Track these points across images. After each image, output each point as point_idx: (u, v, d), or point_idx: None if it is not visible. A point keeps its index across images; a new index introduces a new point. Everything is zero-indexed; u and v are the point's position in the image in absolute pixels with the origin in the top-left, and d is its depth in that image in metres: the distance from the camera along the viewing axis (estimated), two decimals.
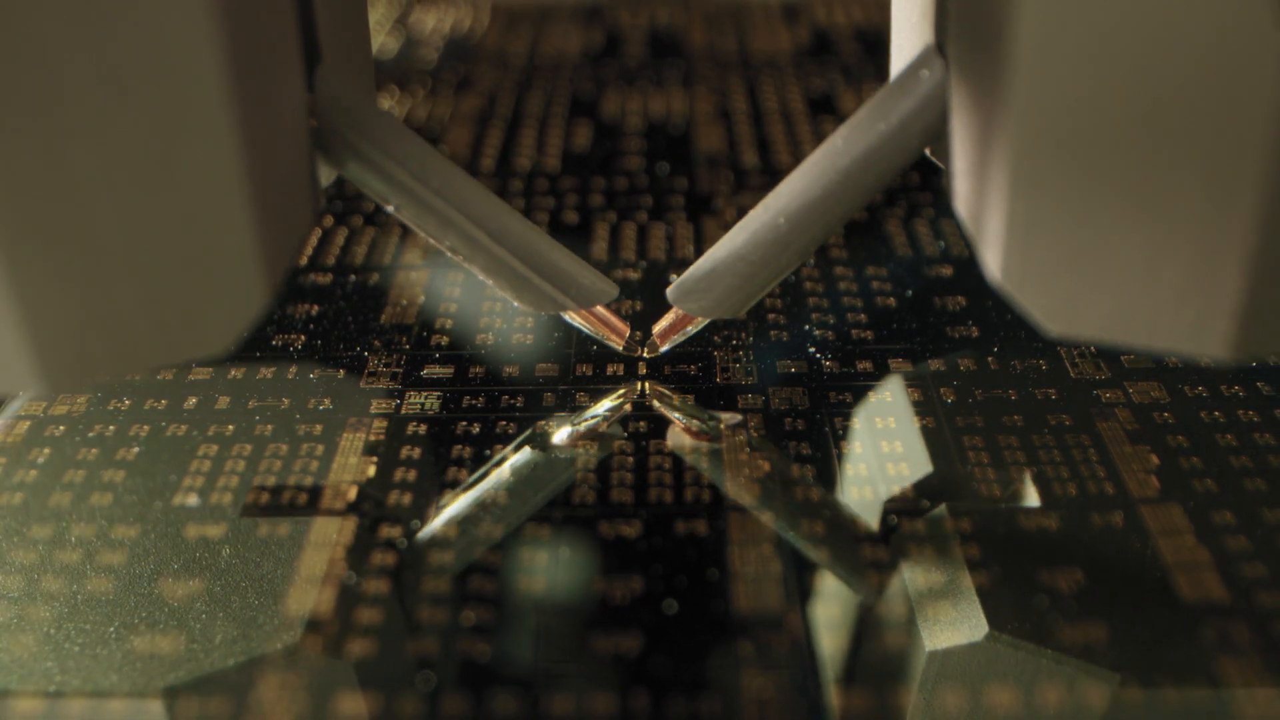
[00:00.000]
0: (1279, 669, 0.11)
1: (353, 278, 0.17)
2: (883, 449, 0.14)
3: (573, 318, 0.14)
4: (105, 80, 0.09)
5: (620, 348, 0.15)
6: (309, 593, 0.12)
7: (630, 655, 0.11)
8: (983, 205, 0.12)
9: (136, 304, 0.10)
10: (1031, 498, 0.13)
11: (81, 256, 0.10)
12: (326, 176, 0.13)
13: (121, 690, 0.11)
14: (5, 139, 0.09)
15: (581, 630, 0.11)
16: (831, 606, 0.12)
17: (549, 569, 0.12)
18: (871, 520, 0.13)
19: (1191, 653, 0.11)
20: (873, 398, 0.15)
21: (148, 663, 0.11)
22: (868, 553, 0.12)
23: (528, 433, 0.14)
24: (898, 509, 0.13)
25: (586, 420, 0.14)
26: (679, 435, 0.14)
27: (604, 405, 0.15)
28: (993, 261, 0.11)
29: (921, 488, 0.13)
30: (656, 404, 0.15)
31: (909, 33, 0.14)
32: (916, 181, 0.20)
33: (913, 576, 0.12)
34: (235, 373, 0.15)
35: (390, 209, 0.13)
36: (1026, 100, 0.10)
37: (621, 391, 0.15)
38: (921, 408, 0.14)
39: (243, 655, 0.11)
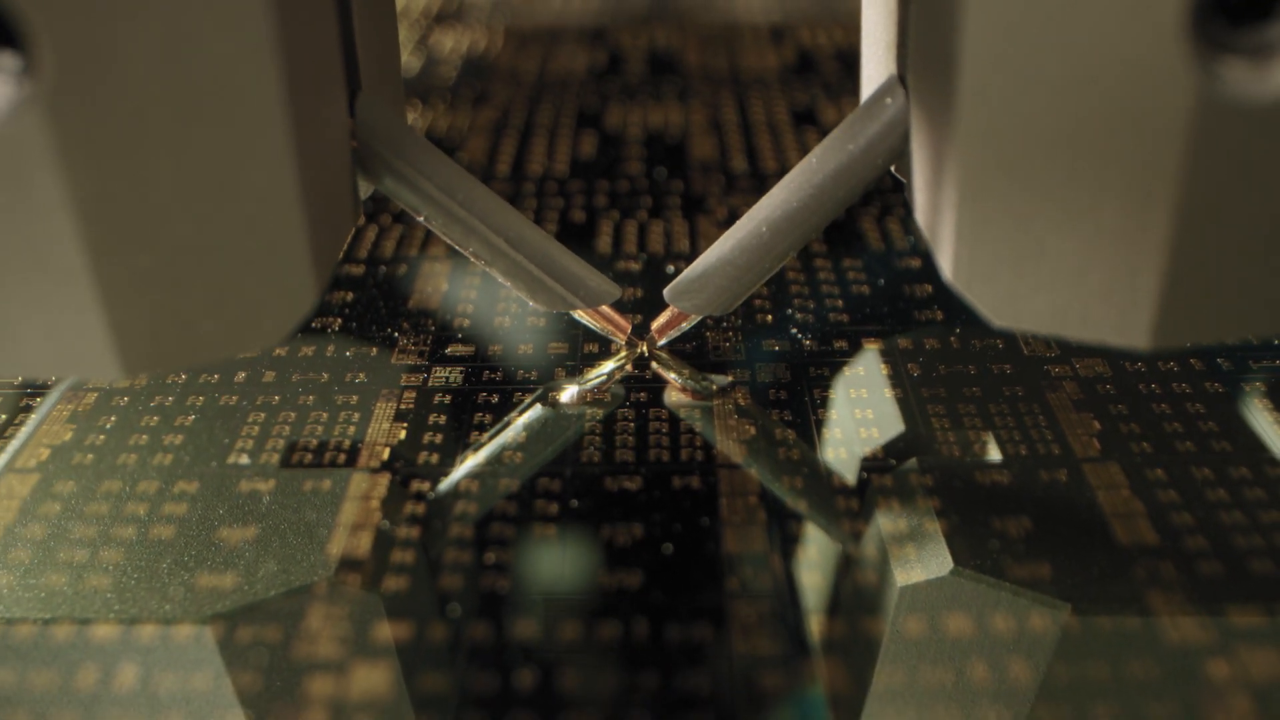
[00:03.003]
0: (1199, 601, 0.11)
1: (383, 269, 0.17)
2: (855, 415, 0.14)
3: (580, 315, 0.14)
4: (182, 109, 0.10)
5: (622, 342, 0.15)
6: (346, 537, 0.12)
7: (631, 588, 0.12)
8: (937, 215, 0.12)
9: (204, 302, 0.11)
10: (987, 457, 0.14)
11: (157, 260, 0.10)
12: (364, 190, 0.13)
13: (180, 618, 0.11)
14: (96, 159, 0.10)
15: (587, 566, 0.12)
16: (810, 548, 0.12)
17: (559, 514, 0.13)
18: (846, 474, 0.13)
19: (1124, 588, 0.12)
20: (847, 371, 0.15)
21: (204, 594, 0.12)
22: (842, 502, 0.13)
23: (538, 393, 0.15)
24: (869, 466, 0.13)
25: (591, 381, 0.15)
26: (674, 394, 0.15)
27: (608, 366, 0.15)
28: (945, 263, 0.12)
29: (890, 448, 0.14)
30: (655, 365, 0.15)
31: (875, 64, 0.14)
32: (889, 184, 0.20)
33: (883, 523, 0.12)
34: (279, 351, 0.15)
35: (421, 219, 0.13)
36: (971, 126, 0.10)
37: (624, 354, 0.15)
38: (890, 380, 0.15)
39: (285, 589, 0.12)
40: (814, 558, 0.12)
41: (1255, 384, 0.15)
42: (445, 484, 0.13)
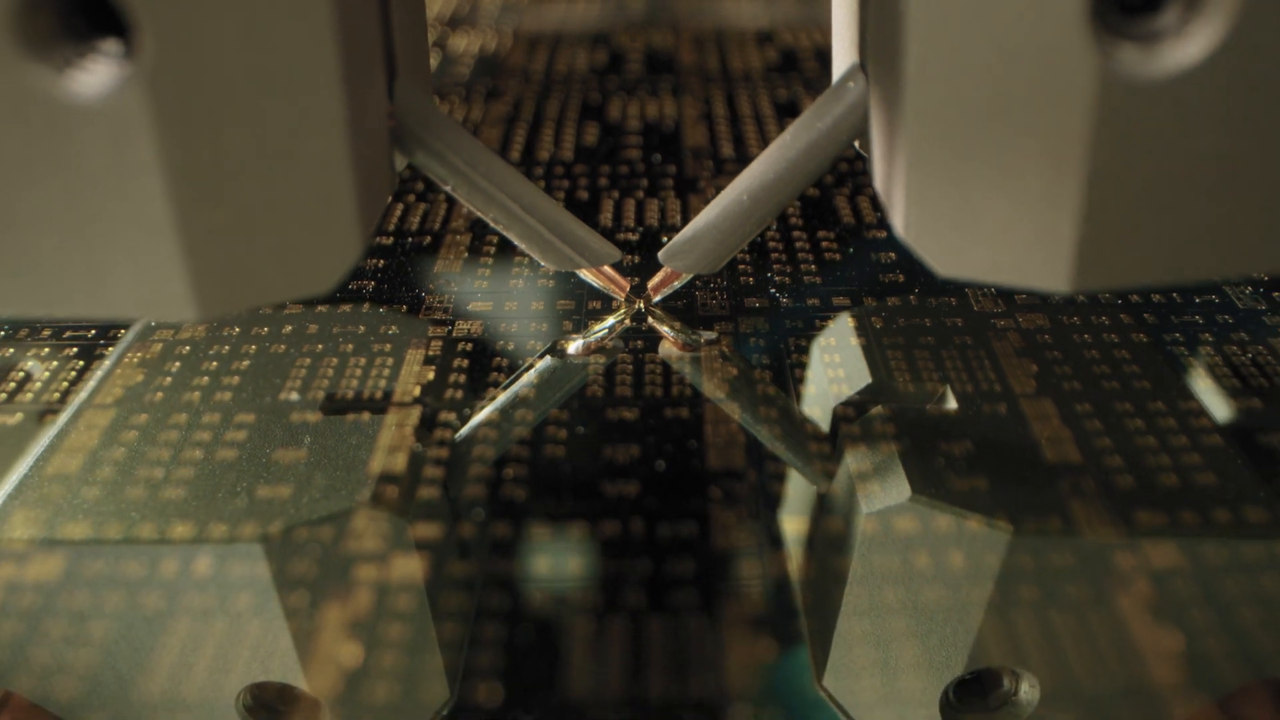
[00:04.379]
0: (1115, 512, 0.13)
1: (410, 239, 0.19)
2: (825, 360, 0.16)
3: (585, 275, 0.16)
4: (256, 87, 0.11)
5: (622, 299, 0.17)
6: (385, 458, 0.14)
7: (629, 497, 0.13)
8: (890, 182, 0.13)
9: (267, 251, 0.12)
10: (940, 397, 0.15)
11: (230, 215, 0.12)
12: (399, 164, 0.15)
13: (243, 533, 0.13)
14: (184, 129, 0.11)
15: (592, 481, 0.14)
16: (785, 474, 0.14)
17: (568, 438, 0.14)
18: (817, 413, 0.15)
19: (1052, 499, 0.13)
20: (819, 324, 0.17)
21: (262, 506, 0.13)
22: (813, 438, 0.14)
23: (549, 345, 0.16)
24: (837, 406, 0.15)
25: (595, 334, 0.16)
26: (668, 347, 0.16)
27: (609, 321, 0.16)
28: (898, 221, 0.13)
29: (855, 390, 0.15)
30: (650, 320, 0.16)
31: (841, 55, 0.15)
32: (861, 167, 0.21)
33: (850, 457, 0.14)
34: (321, 308, 0.17)
35: (447, 189, 0.15)
36: (916, 105, 0.12)
37: (623, 310, 0.17)
38: (856, 332, 0.16)
39: (334, 504, 0.13)
40: (787, 482, 0.14)
41: (1174, 334, 0.16)
42: (470, 424, 0.15)
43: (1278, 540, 0.13)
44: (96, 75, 0.11)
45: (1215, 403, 0.15)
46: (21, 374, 0.16)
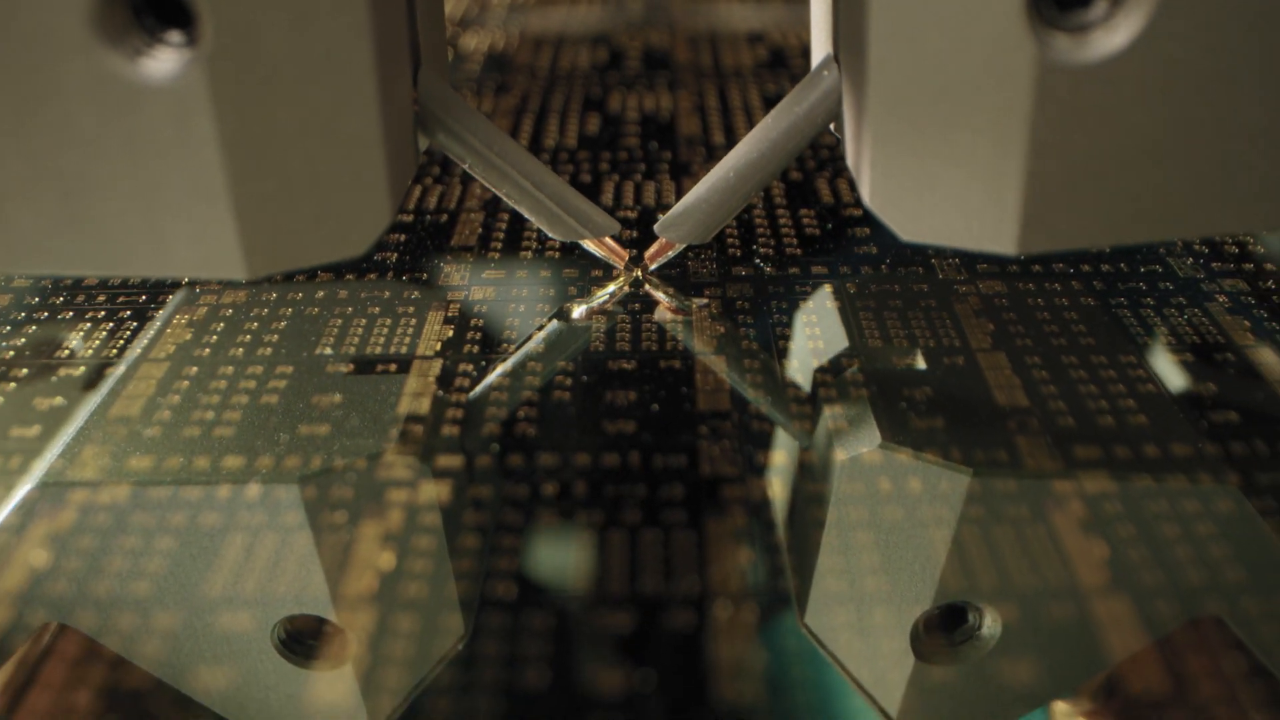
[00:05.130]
0: (1057, 449, 0.14)
1: (428, 216, 0.21)
2: (803, 320, 0.17)
3: (588, 245, 0.17)
4: (302, 73, 0.13)
5: (621, 268, 0.18)
6: (411, 402, 0.15)
7: (627, 435, 0.15)
8: (859, 157, 0.15)
9: (309, 218, 0.14)
10: (906, 353, 0.17)
11: (277, 185, 0.13)
12: (422, 144, 0.16)
13: (285, 468, 0.14)
14: (239, 108, 0.13)
15: (595, 421, 0.15)
16: (766, 425, 0.15)
17: (572, 386, 0.16)
18: (796, 370, 0.16)
19: (1001, 436, 0.15)
20: (799, 290, 0.18)
21: (303, 445, 0.15)
22: (793, 394, 0.16)
23: (555, 310, 0.18)
24: (815, 362, 0.16)
25: (597, 300, 0.18)
26: (662, 311, 0.18)
27: (610, 288, 0.18)
28: (865, 193, 0.14)
29: (831, 348, 0.17)
30: (647, 287, 0.18)
31: (818, 46, 0.17)
32: (841, 152, 0.23)
33: (826, 409, 0.15)
34: (349, 276, 0.19)
35: (465, 166, 0.16)
36: (879, 89, 0.13)
37: (623, 278, 0.18)
38: (833, 296, 0.18)
39: (367, 444, 0.15)
40: (769, 433, 0.15)
41: (1119, 299, 0.18)
42: (485, 382, 0.16)
43: (1201, 473, 0.14)
44: (163, 62, 0.13)
45: (1153, 357, 0.16)
46: (82, 332, 0.17)
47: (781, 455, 0.15)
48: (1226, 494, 0.14)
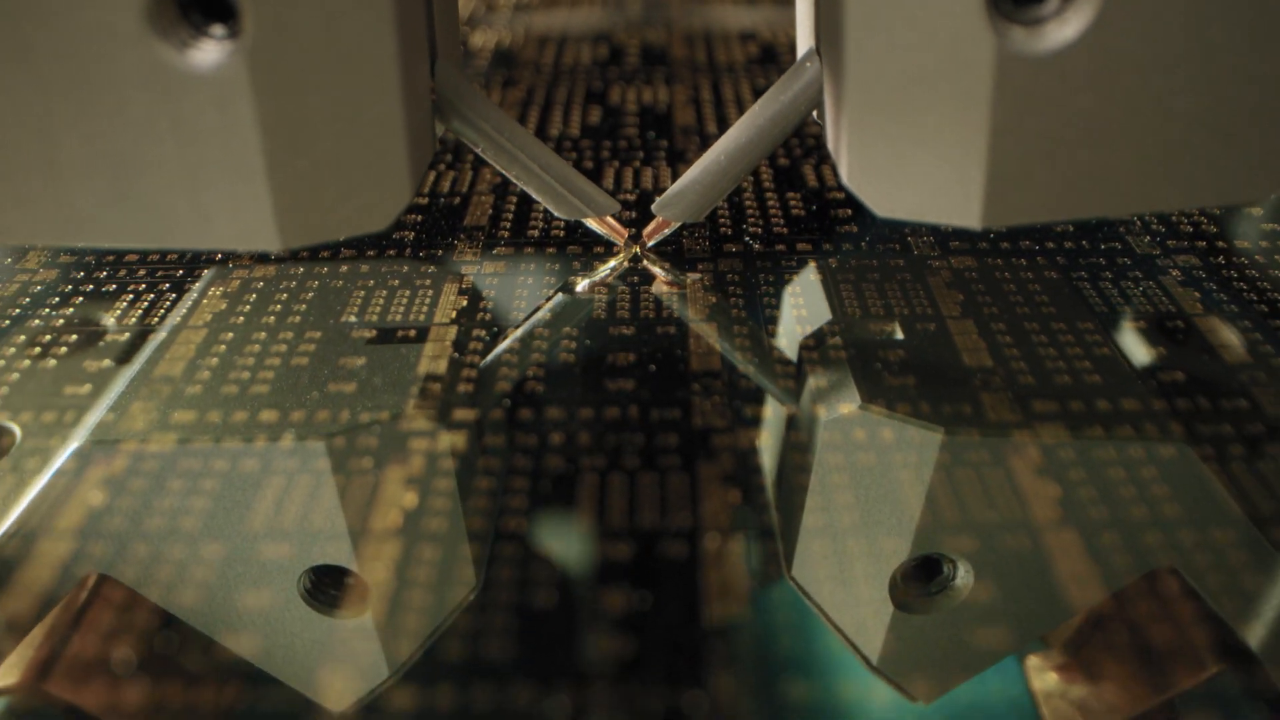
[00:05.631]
0: (1020, 410, 0.16)
1: (442, 200, 0.22)
2: (787, 292, 0.18)
3: (590, 223, 0.19)
4: (333, 63, 0.14)
5: (621, 245, 0.20)
6: (429, 363, 0.17)
7: (626, 391, 0.16)
8: (838, 141, 0.16)
9: (337, 195, 0.15)
10: (884, 322, 0.18)
11: (310, 165, 0.14)
12: (439, 129, 0.17)
13: (313, 424, 0.15)
14: (276, 94, 0.14)
15: (598, 380, 0.16)
16: (754, 389, 0.16)
17: (576, 349, 0.17)
18: (781, 336, 0.17)
19: (969, 394, 0.16)
20: (785, 265, 0.19)
21: (331, 400, 0.16)
22: (779, 360, 0.17)
23: (560, 283, 0.19)
24: (800, 329, 0.17)
25: (599, 274, 0.19)
26: (659, 285, 0.19)
27: (611, 263, 0.19)
28: (844, 173, 0.15)
29: (814, 317, 0.18)
30: (645, 262, 0.19)
31: (802, 40, 0.18)
32: (824, 140, 0.24)
33: (809, 371, 0.17)
34: (371, 253, 0.20)
35: (477, 150, 0.17)
36: (855, 79, 0.14)
37: (623, 254, 0.19)
38: (816, 270, 0.19)
39: (393, 401, 0.16)
40: (756, 396, 0.16)
41: (1080, 272, 0.19)
42: (498, 348, 0.17)
43: (1149, 426, 0.15)
44: (207, 53, 0.14)
45: (1109, 324, 0.17)
46: (126, 302, 0.18)
47: (767, 413, 0.16)
48: (1173, 445, 0.15)
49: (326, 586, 0.13)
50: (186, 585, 0.13)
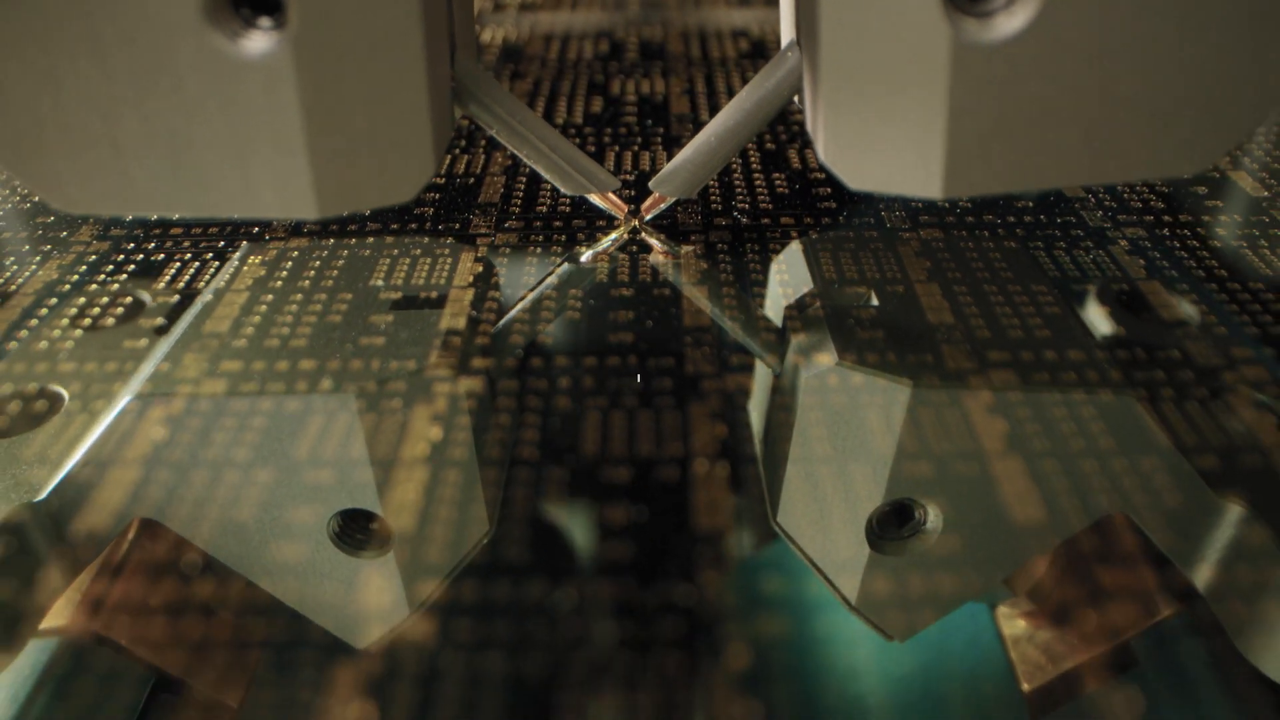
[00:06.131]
0: (986, 361, 0.17)
1: (458, 180, 0.23)
2: (772, 261, 0.20)
3: (593, 198, 0.20)
4: (367, 52, 0.15)
5: (622, 218, 0.21)
6: (448, 319, 0.18)
7: (625, 343, 0.18)
8: (815, 122, 0.17)
9: (367, 168, 0.16)
10: (858, 286, 0.20)
11: (343, 141, 0.16)
12: (457, 113, 0.19)
13: (347, 373, 0.17)
14: (318, 78, 0.15)
15: (601, 333, 0.18)
16: (742, 349, 0.18)
17: (582, 307, 0.19)
18: (766, 300, 0.19)
19: (933, 348, 0.17)
20: (769, 236, 0.21)
21: (363, 352, 0.17)
22: (764, 323, 0.19)
23: (566, 254, 0.21)
24: (783, 293, 0.19)
25: (601, 245, 0.21)
26: (656, 255, 0.20)
27: (612, 235, 0.21)
28: (820, 150, 0.17)
29: (795, 282, 0.19)
30: (643, 234, 0.21)
31: (785, 33, 0.19)
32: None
33: (790, 331, 0.18)
34: (394, 225, 0.22)
35: (491, 132, 0.19)
36: (829, 66, 0.16)
37: (623, 227, 0.21)
38: (799, 242, 0.21)
39: (415, 350, 0.17)
40: (743, 355, 0.18)
41: (1037, 243, 0.21)
42: (513, 310, 0.19)
43: (1095, 375, 0.17)
44: (256, 42, 0.16)
45: (1062, 287, 0.19)
46: (175, 268, 0.20)
47: (752, 365, 0.18)
48: (1118, 395, 0.17)
49: (353, 531, 0.15)
50: (228, 527, 0.15)
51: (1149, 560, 0.14)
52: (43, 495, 0.15)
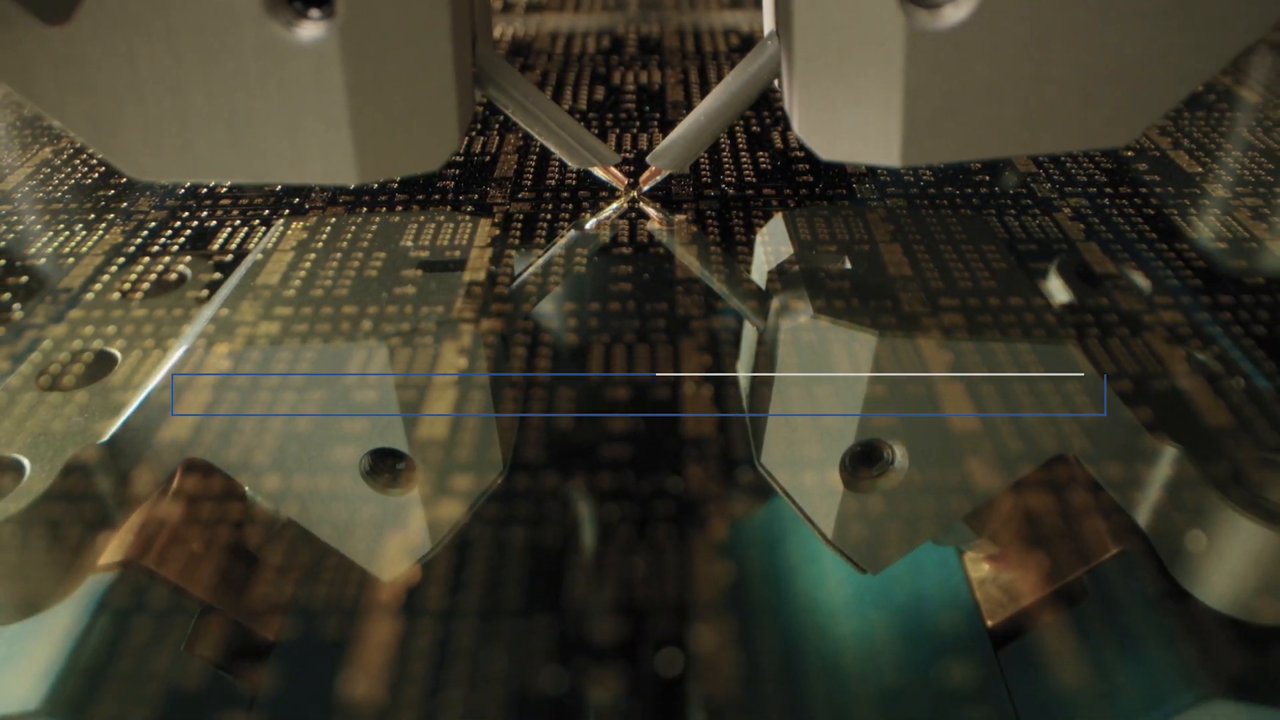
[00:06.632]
0: (943, 314, 0.20)
1: (475, 158, 0.26)
2: (756, 226, 0.23)
3: (597, 172, 0.23)
4: (402, 39, 0.18)
5: (622, 190, 0.24)
6: (470, 274, 0.21)
7: (625, 291, 0.20)
8: (791, 101, 0.19)
9: (401, 141, 0.19)
10: (828, 248, 0.22)
11: (382, 116, 0.19)
12: (477, 95, 0.22)
13: (384, 317, 0.19)
14: (361, 60, 0.18)
15: (604, 286, 0.20)
16: (728, 307, 0.21)
17: (588, 264, 0.21)
18: (751, 266, 0.22)
19: (894, 299, 0.20)
20: (752, 206, 0.23)
21: (397, 300, 0.20)
22: (748, 284, 0.21)
23: (573, 221, 0.23)
24: (765, 255, 0.21)
25: (604, 213, 0.23)
26: (652, 222, 0.23)
27: (614, 205, 0.23)
28: (795, 124, 0.19)
29: (776, 246, 0.22)
30: (641, 204, 0.23)
31: (767, 24, 0.22)
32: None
33: (770, 286, 0.21)
34: (420, 196, 0.24)
35: (507, 112, 0.22)
36: (802, 52, 0.18)
37: (623, 197, 0.24)
38: (779, 210, 0.23)
39: (443, 298, 0.20)
40: (729, 312, 0.21)
41: (990, 210, 0.23)
42: (529, 269, 0.22)
43: (1035, 319, 0.19)
44: (308, 30, 0.18)
45: (1009, 247, 0.21)
46: (227, 231, 0.22)
47: (738, 329, 0.20)
48: (1056, 340, 0.19)
49: (381, 470, 0.17)
50: (271, 466, 0.16)
51: (1094, 498, 0.16)
52: (104, 439, 0.17)
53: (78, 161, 0.26)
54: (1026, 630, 0.16)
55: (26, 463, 0.16)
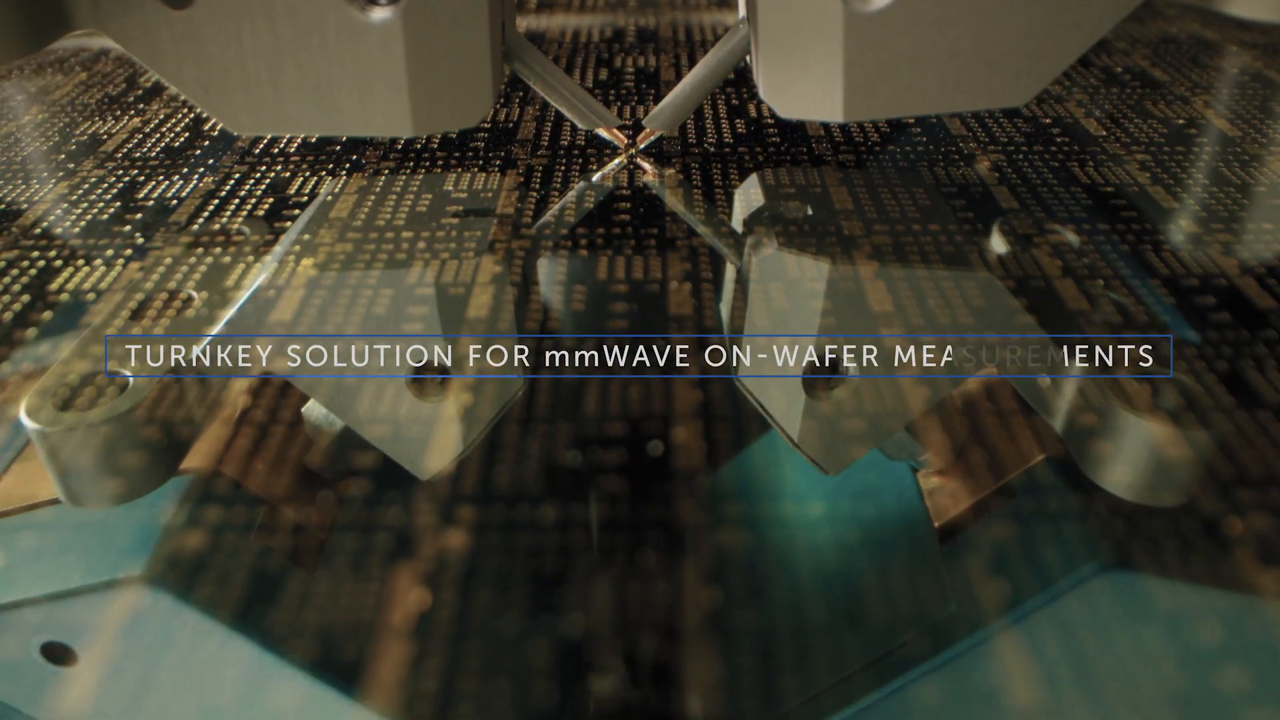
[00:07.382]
0: (869, 231, 0.25)
1: (499, 124, 0.31)
2: (731, 177, 0.28)
3: (601, 131, 0.28)
4: (453, 20, 0.23)
5: (623, 147, 0.29)
6: (503, 207, 0.26)
7: (624, 221, 0.25)
8: (757, 71, 0.24)
9: (447, 101, 0.24)
10: (791, 196, 0.27)
11: (432, 81, 0.24)
12: (505, 69, 0.27)
13: (433, 246, 0.25)
14: (420, 38, 0.23)
15: (608, 218, 0.25)
16: (711, 244, 0.26)
17: (596, 207, 0.26)
18: (730, 212, 0.27)
19: (840, 230, 0.25)
20: (728, 161, 0.28)
21: (443, 228, 0.25)
22: (726, 226, 0.26)
23: (583, 174, 0.28)
24: (740, 200, 0.26)
25: (608, 168, 0.28)
26: (648, 175, 0.28)
27: (615, 161, 0.28)
28: (761, 90, 0.24)
29: (749, 194, 0.27)
30: (638, 159, 0.28)
31: (741, 12, 0.27)
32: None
33: (743, 226, 0.26)
34: (456, 154, 0.29)
35: (530, 83, 0.27)
36: (764, 33, 0.23)
37: (623, 154, 0.28)
38: (754, 168, 0.28)
39: (479, 227, 0.25)
40: (713, 250, 0.25)
41: (923, 162, 0.28)
42: (549, 211, 0.26)
43: (954, 251, 0.24)
44: (378, 13, 0.23)
45: (935, 188, 0.26)
46: (300, 180, 0.27)
47: (721, 260, 0.25)
48: (977, 272, 0.24)
49: (424, 381, 0.22)
50: (332, 381, 0.21)
51: (1019, 409, 0.20)
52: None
53: (165, 127, 0.31)
54: (967, 528, 0.18)
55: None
